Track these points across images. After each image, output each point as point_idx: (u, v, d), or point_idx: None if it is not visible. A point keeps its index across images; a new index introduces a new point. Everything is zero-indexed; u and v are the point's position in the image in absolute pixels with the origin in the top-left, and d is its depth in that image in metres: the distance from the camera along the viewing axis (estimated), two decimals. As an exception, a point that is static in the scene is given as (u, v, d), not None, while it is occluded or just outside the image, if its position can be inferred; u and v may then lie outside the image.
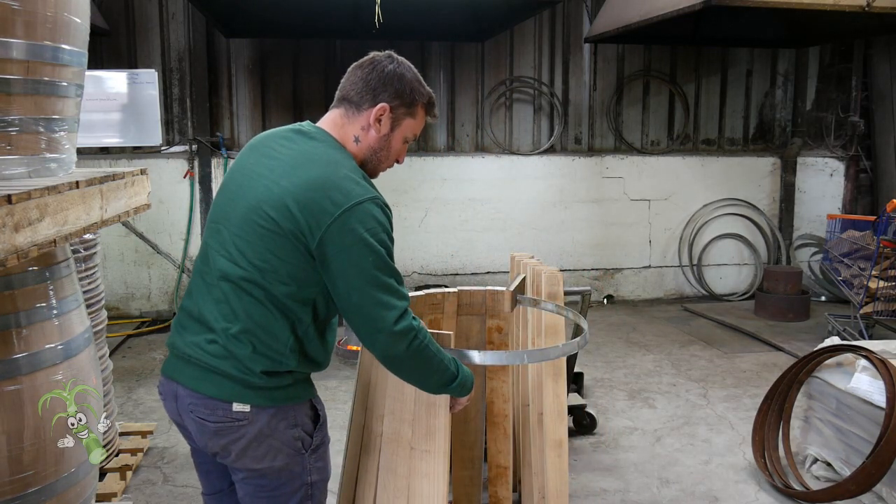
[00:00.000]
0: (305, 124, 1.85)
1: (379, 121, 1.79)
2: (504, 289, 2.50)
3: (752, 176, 7.32)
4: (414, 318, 1.71)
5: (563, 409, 2.63)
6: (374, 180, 1.83)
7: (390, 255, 1.69)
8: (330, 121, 1.83)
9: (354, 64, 1.85)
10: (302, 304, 1.71)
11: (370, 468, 2.09)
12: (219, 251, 1.75)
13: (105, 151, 6.13)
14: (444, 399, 1.98)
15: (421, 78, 1.86)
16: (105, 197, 2.18)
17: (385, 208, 1.71)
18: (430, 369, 1.78)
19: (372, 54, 1.85)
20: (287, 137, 1.81)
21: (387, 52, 1.85)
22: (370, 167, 1.85)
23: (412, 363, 1.73)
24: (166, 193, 6.21)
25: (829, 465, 3.36)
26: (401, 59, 1.84)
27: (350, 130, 1.80)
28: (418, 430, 2.00)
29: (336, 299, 1.70)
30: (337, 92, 1.85)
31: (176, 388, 1.76)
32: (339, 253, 1.63)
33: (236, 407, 1.70)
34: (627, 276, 7.19)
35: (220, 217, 1.78)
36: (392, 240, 1.71)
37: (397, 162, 1.91)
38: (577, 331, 2.38)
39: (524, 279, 2.77)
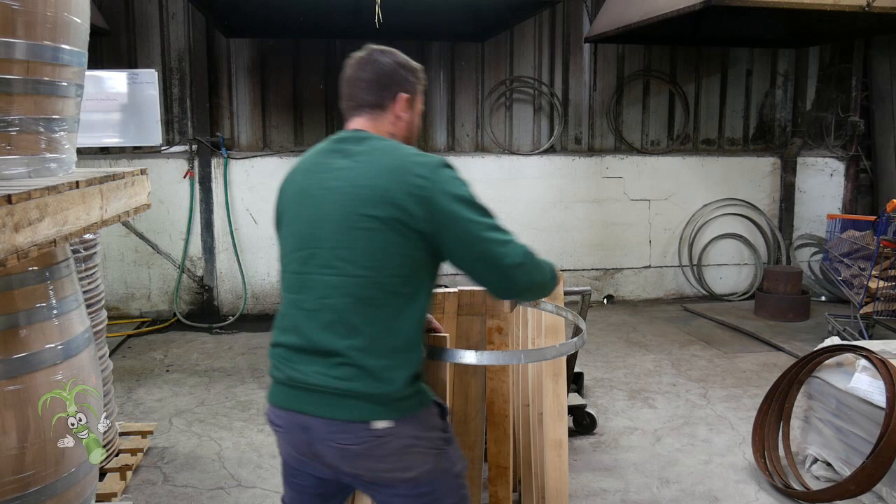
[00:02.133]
0: (342, 133, 1.88)
1: (405, 109, 1.89)
2: (504, 289, 2.49)
3: (752, 176, 7.32)
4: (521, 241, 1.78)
5: (563, 409, 2.63)
6: None
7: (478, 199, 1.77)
8: (362, 125, 1.87)
9: (352, 69, 1.88)
10: (421, 292, 1.75)
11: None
12: (321, 272, 1.74)
13: (105, 151, 6.13)
14: (443, 400, 1.98)
15: (406, 56, 1.94)
16: (105, 197, 2.18)
17: (453, 166, 1.78)
18: (544, 274, 1.83)
19: (364, 54, 1.89)
20: (336, 150, 1.84)
21: (370, 47, 1.90)
22: None
23: (538, 277, 1.79)
24: (166, 193, 6.21)
25: (829, 465, 3.36)
26: (386, 48, 1.91)
27: (383, 129, 1.87)
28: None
29: (458, 261, 1.74)
30: (346, 101, 1.89)
31: (306, 420, 1.72)
32: (445, 217, 1.68)
33: (378, 424, 1.67)
34: (627, 276, 7.19)
35: (310, 240, 1.78)
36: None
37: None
38: (576, 331, 2.38)
39: (524, 279, 2.76)
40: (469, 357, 2.02)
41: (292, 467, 1.88)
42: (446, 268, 1.78)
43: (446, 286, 2.50)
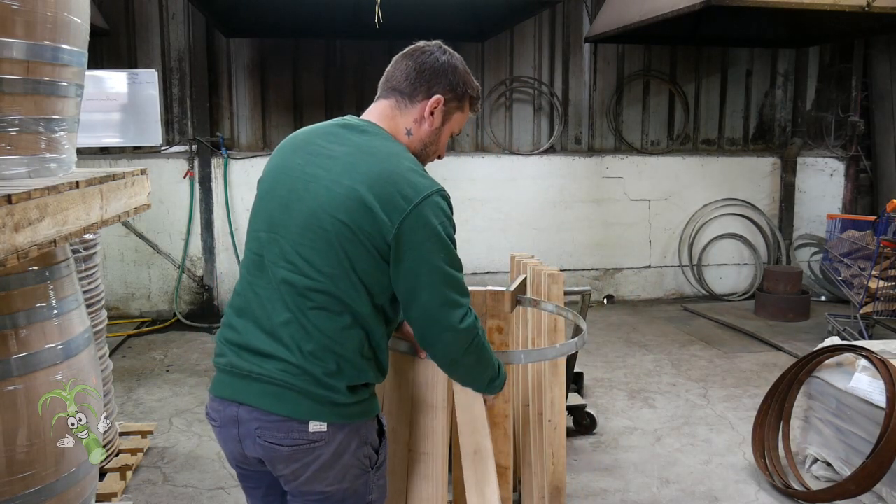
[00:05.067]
0: (350, 118, 1.75)
1: (432, 113, 1.73)
2: (504, 289, 2.49)
3: (752, 176, 7.32)
4: (479, 325, 1.68)
5: (562, 409, 2.63)
6: None
7: (456, 248, 1.64)
8: (379, 112, 1.74)
9: (401, 53, 1.77)
10: (375, 312, 1.63)
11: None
12: (278, 262, 1.62)
13: (105, 151, 6.13)
14: (442, 401, 1.98)
15: (469, 70, 1.80)
16: (105, 197, 2.18)
17: (448, 200, 1.64)
18: (483, 366, 1.75)
19: (421, 43, 1.77)
20: (335, 133, 1.70)
21: (436, 41, 1.77)
22: (419, 161, 1.76)
23: (471, 360, 1.69)
24: (166, 193, 6.21)
25: (829, 465, 3.36)
26: (451, 49, 1.78)
27: (402, 123, 1.73)
28: (416, 431, 2.00)
29: (402, 297, 1.62)
30: (382, 82, 1.77)
31: (237, 411, 1.62)
32: (411, 249, 1.56)
33: (313, 427, 1.57)
34: (627, 276, 7.19)
35: (275, 225, 1.65)
36: (455, 231, 1.66)
37: (438, 157, 1.83)
38: (577, 331, 2.37)
39: (525, 280, 2.77)
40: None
41: (240, 469, 1.76)
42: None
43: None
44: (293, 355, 1.58)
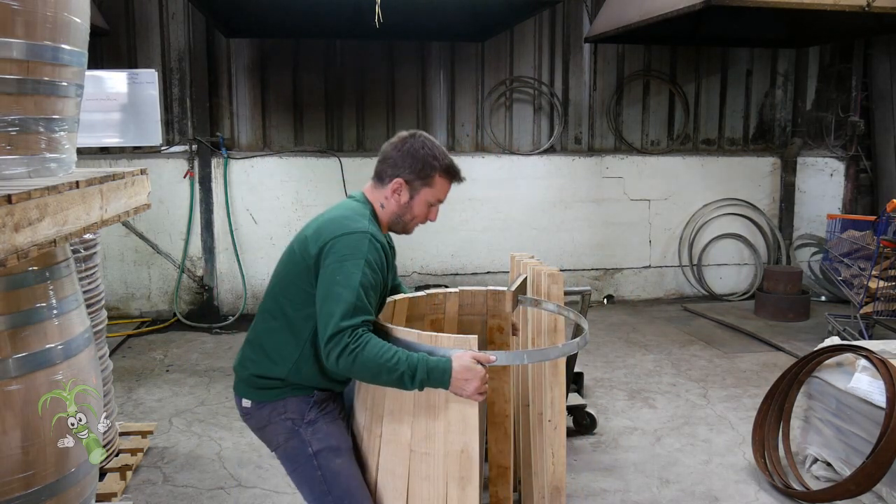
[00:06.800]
0: (356, 192, 2.29)
1: (398, 192, 2.17)
2: (505, 289, 2.50)
3: (752, 176, 7.32)
4: (353, 337, 1.89)
5: (562, 409, 2.63)
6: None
7: (363, 282, 1.95)
8: (367, 187, 2.27)
9: (391, 140, 2.21)
10: (304, 320, 2.09)
11: (370, 469, 2.09)
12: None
13: (105, 151, 6.13)
14: (443, 401, 1.98)
15: (438, 151, 2.17)
16: (105, 197, 2.18)
17: (374, 243, 2.02)
18: (367, 374, 1.95)
19: (407, 134, 2.19)
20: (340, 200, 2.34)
21: (412, 131, 2.19)
22: (400, 227, 2.25)
23: (344, 365, 1.92)
24: (166, 193, 6.21)
25: (829, 465, 3.36)
26: (421, 135, 2.17)
27: (378, 198, 2.22)
28: (417, 431, 2.00)
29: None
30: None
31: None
32: (322, 270, 2.01)
33: (243, 402, 2.20)
34: (627, 276, 7.19)
35: None
36: (374, 271, 1.99)
37: (430, 220, 2.26)
38: (577, 331, 2.38)
39: (525, 280, 2.77)
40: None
41: None
42: (445, 268, 1.81)
43: (447, 286, 2.50)
44: (244, 346, 2.24)
